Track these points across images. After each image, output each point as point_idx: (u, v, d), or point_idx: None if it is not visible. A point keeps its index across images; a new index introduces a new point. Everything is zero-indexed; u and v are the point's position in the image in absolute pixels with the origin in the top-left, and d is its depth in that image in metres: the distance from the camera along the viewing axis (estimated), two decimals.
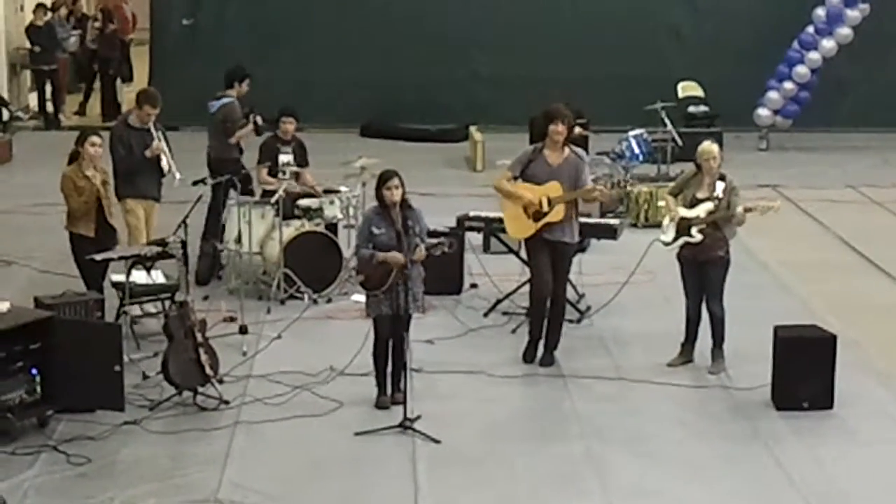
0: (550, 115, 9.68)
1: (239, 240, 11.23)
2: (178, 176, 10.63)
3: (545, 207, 9.59)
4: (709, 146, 9.61)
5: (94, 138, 10.03)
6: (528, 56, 19.88)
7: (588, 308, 10.92)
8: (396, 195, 8.74)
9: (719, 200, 9.47)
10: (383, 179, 8.80)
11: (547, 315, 9.81)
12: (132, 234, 10.65)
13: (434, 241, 8.81)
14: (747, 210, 9.44)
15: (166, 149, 10.63)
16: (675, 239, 9.60)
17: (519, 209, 9.70)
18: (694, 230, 9.50)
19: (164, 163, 10.58)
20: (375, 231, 8.78)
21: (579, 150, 9.87)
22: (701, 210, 9.50)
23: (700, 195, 9.55)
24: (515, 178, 9.74)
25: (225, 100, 12.26)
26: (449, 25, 20.15)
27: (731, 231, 9.60)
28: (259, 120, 12.02)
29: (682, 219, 9.55)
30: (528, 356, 9.84)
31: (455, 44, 20.11)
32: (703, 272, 9.57)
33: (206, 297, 11.12)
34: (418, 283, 8.84)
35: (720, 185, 9.50)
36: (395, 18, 20.13)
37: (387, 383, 8.99)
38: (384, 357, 8.93)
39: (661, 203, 13.65)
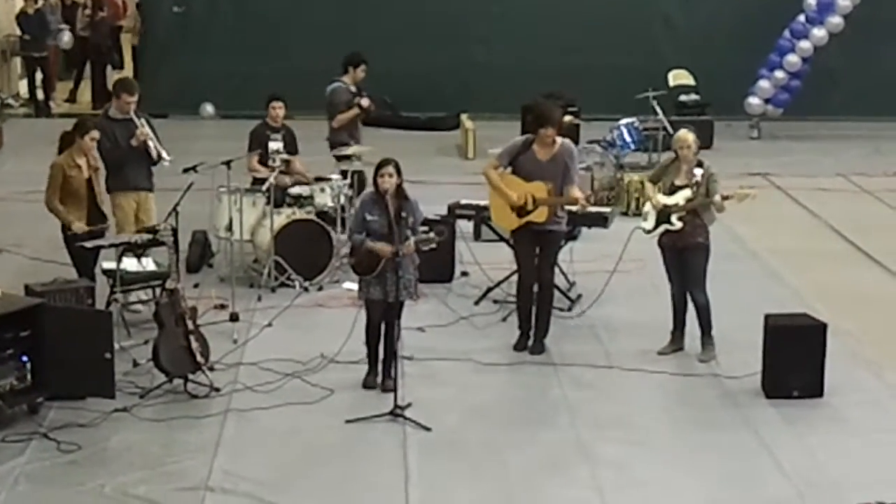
0: (541, 120, 9.64)
1: (230, 227, 11.22)
2: (166, 157, 10.56)
3: (529, 206, 9.61)
4: (683, 134, 9.65)
5: (95, 133, 10.02)
6: (520, 44, 19.88)
7: (579, 296, 10.93)
8: (388, 183, 8.75)
9: (697, 187, 9.49)
10: (378, 166, 8.83)
11: (535, 303, 9.83)
12: (119, 227, 10.58)
13: (424, 235, 8.80)
14: (725, 198, 9.46)
15: (151, 134, 10.57)
16: (656, 226, 9.63)
17: (504, 201, 9.73)
18: (673, 217, 9.52)
19: (151, 148, 10.52)
20: (368, 217, 8.82)
21: (569, 144, 9.82)
22: (680, 197, 9.53)
23: (678, 182, 9.58)
24: (504, 168, 9.75)
25: (333, 84, 12.59)
26: (441, 14, 20.12)
27: (711, 218, 9.62)
28: (364, 102, 12.19)
29: (662, 206, 9.57)
30: (519, 346, 9.85)
31: (447, 32, 20.09)
32: (684, 259, 9.59)
33: (196, 285, 11.12)
34: (410, 270, 8.86)
35: (698, 172, 9.53)
36: (387, 7, 20.11)
37: (378, 362, 9.01)
38: (376, 337, 8.98)
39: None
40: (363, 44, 19.70)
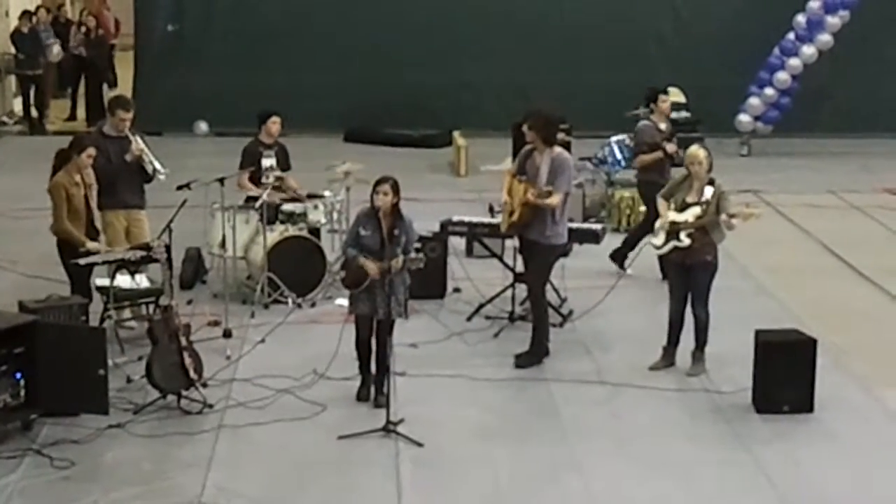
0: (524, 118, 9.96)
1: (223, 244, 11.26)
2: (161, 170, 10.59)
3: (515, 208, 9.81)
4: (695, 150, 9.68)
5: (92, 150, 10.04)
6: (512, 62, 19.96)
7: (570, 312, 10.98)
8: (383, 201, 8.83)
9: (707, 205, 9.54)
10: (376, 183, 8.91)
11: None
12: (109, 245, 10.57)
13: (413, 255, 8.88)
14: (731, 216, 9.52)
15: (146, 149, 10.59)
16: (666, 242, 9.68)
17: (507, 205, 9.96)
18: (682, 234, 9.57)
19: (146, 163, 10.54)
20: (362, 232, 8.91)
21: (562, 154, 9.90)
22: (689, 214, 9.57)
23: (689, 199, 9.62)
24: (518, 174, 9.87)
25: (641, 122, 12.37)
26: (433, 32, 20.21)
27: (720, 236, 9.66)
28: (670, 148, 11.79)
29: (672, 223, 9.62)
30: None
31: (439, 50, 20.17)
32: (690, 276, 9.63)
33: (190, 302, 11.16)
34: (400, 289, 8.92)
35: (709, 190, 9.57)
36: (380, 25, 20.19)
37: (369, 374, 9.08)
38: (366, 352, 9.08)
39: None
40: (356, 62, 20.06)
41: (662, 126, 12.24)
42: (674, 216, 9.62)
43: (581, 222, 12.48)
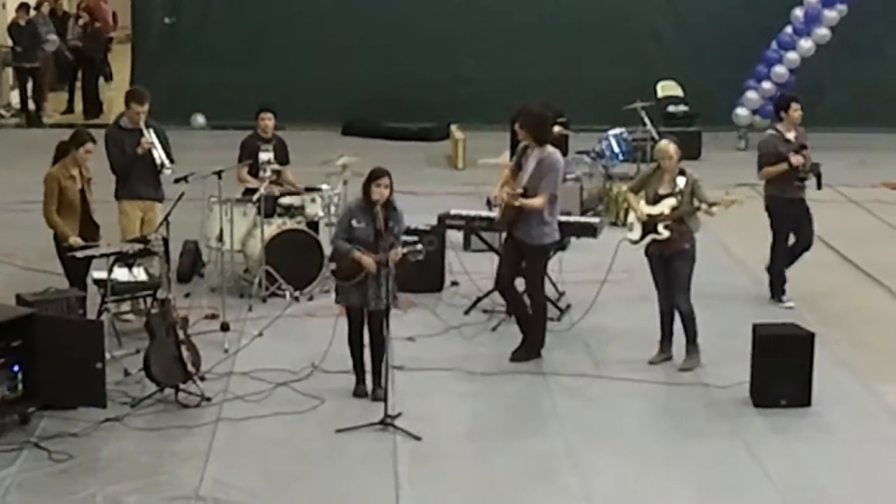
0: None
1: (221, 238, 11.25)
2: (168, 165, 10.60)
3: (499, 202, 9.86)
4: (664, 145, 9.74)
5: (90, 145, 10.06)
6: (510, 56, 19.97)
7: (568, 306, 10.98)
8: (383, 194, 8.81)
9: (682, 194, 9.57)
10: (373, 176, 8.86)
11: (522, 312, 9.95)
12: (123, 235, 10.63)
13: (412, 246, 8.85)
14: (712, 204, 9.55)
15: (157, 143, 10.62)
16: (643, 237, 9.70)
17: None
18: (660, 226, 9.59)
19: (155, 157, 10.57)
20: (355, 224, 8.87)
21: (552, 154, 9.83)
22: (665, 206, 9.61)
23: (662, 192, 9.66)
24: (516, 169, 9.86)
25: (768, 131, 11.54)
26: (431, 25, 20.22)
27: (697, 224, 9.70)
28: (794, 160, 10.87)
29: (648, 216, 9.64)
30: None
31: (437, 44, 20.18)
32: (670, 266, 9.66)
33: (187, 295, 11.16)
34: (390, 280, 8.89)
35: (681, 180, 9.61)
36: (378, 18, 20.20)
37: (364, 371, 9.06)
38: (359, 345, 9.05)
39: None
40: (354, 55, 20.06)
41: (790, 136, 11.16)
42: (649, 209, 9.65)
43: (579, 216, 12.49)
